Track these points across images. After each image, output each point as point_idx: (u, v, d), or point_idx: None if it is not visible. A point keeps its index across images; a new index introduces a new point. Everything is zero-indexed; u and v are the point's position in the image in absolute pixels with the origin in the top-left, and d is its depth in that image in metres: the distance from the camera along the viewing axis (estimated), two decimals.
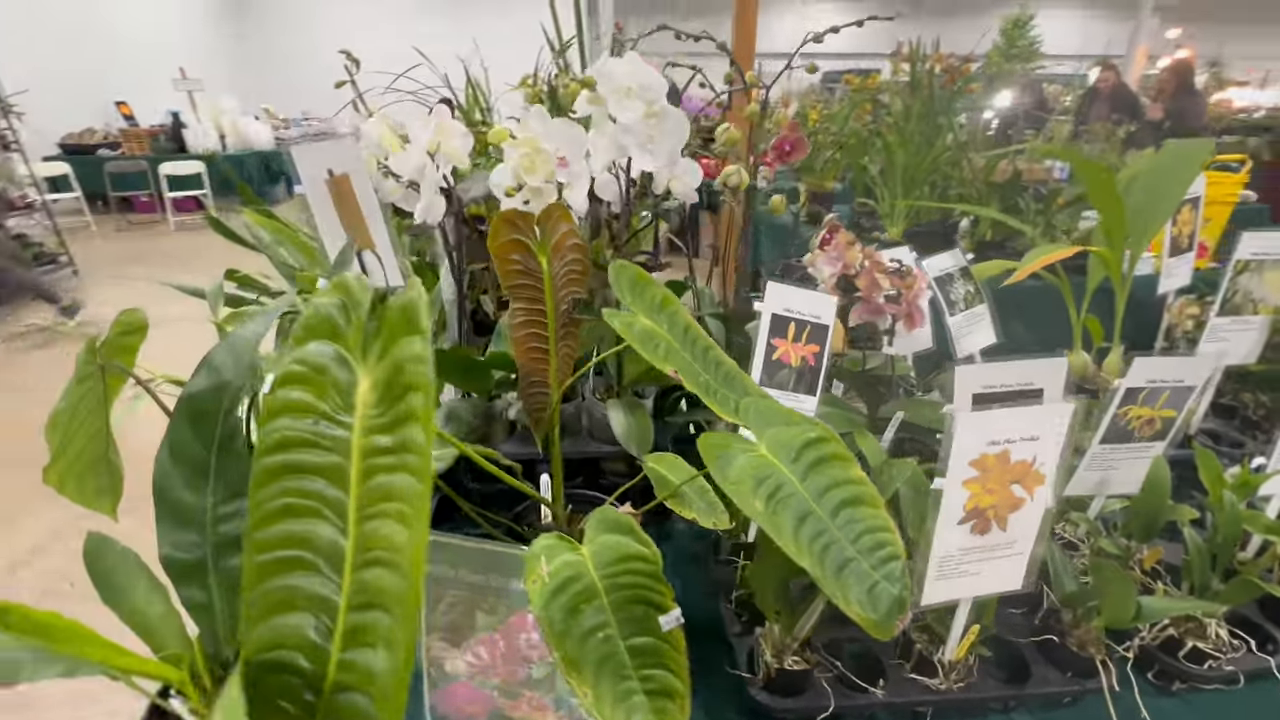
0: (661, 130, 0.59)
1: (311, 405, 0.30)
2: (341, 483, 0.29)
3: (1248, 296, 0.82)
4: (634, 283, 0.50)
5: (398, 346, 0.28)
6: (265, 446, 0.30)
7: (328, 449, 0.29)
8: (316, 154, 0.75)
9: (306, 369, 0.30)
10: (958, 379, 0.66)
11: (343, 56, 1.31)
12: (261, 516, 0.30)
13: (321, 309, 0.30)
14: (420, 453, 0.26)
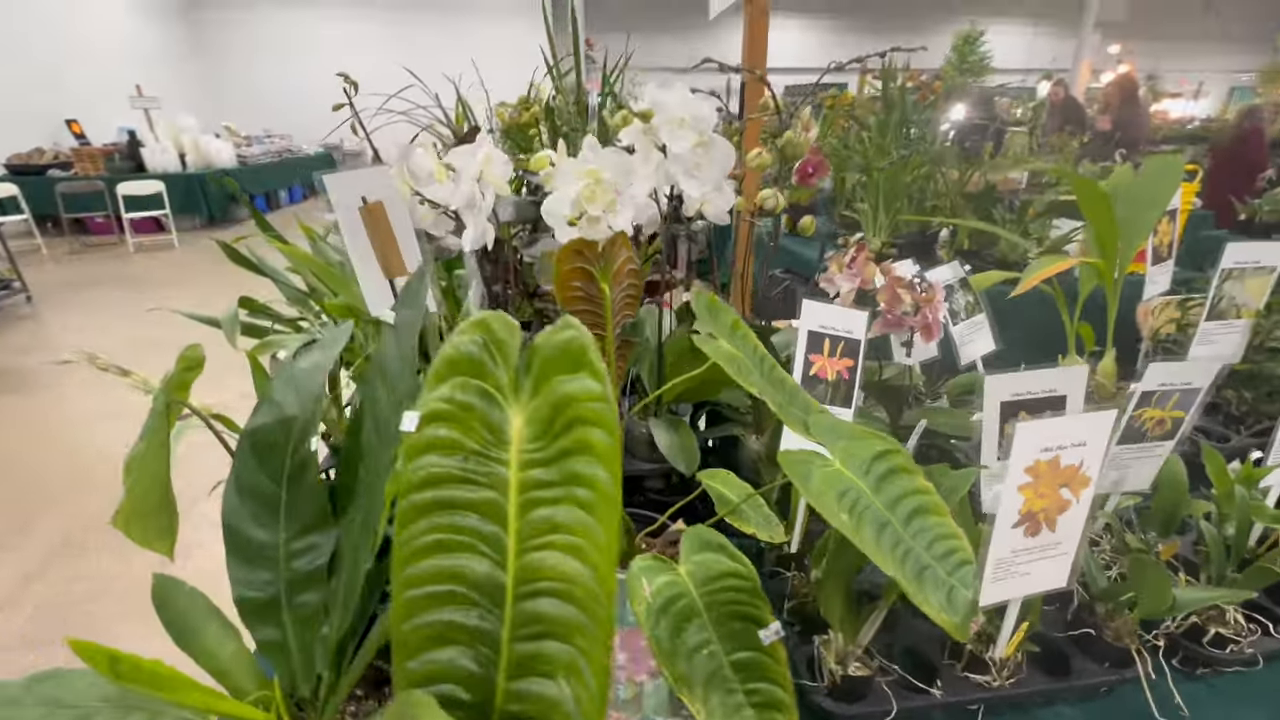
0: (708, 158, 0.62)
1: (459, 442, 0.30)
2: (497, 517, 0.30)
3: (1232, 302, 0.89)
4: (711, 308, 0.52)
5: (556, 383, 0.29)
6: (412, 483, 0.31)
7: (480, 484, 0.30)
8: (350, 182, 0.75)
9: (453, 407, 0.31)
10: (988, 388, 0.70)
11: (304, 74, 1.30)
12: (410, 552, 0.31)
13: (463, 347, 0.31)
14: (589, 485, 0.27)
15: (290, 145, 9.85)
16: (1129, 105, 4.52)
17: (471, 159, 0.63)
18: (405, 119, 1.91)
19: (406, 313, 0.53)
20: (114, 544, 2.08)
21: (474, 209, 0.64)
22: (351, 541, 0.51)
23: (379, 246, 0.78)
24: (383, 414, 0.52)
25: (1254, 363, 0.97)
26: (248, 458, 0.53)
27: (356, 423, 0.54)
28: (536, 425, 0.30)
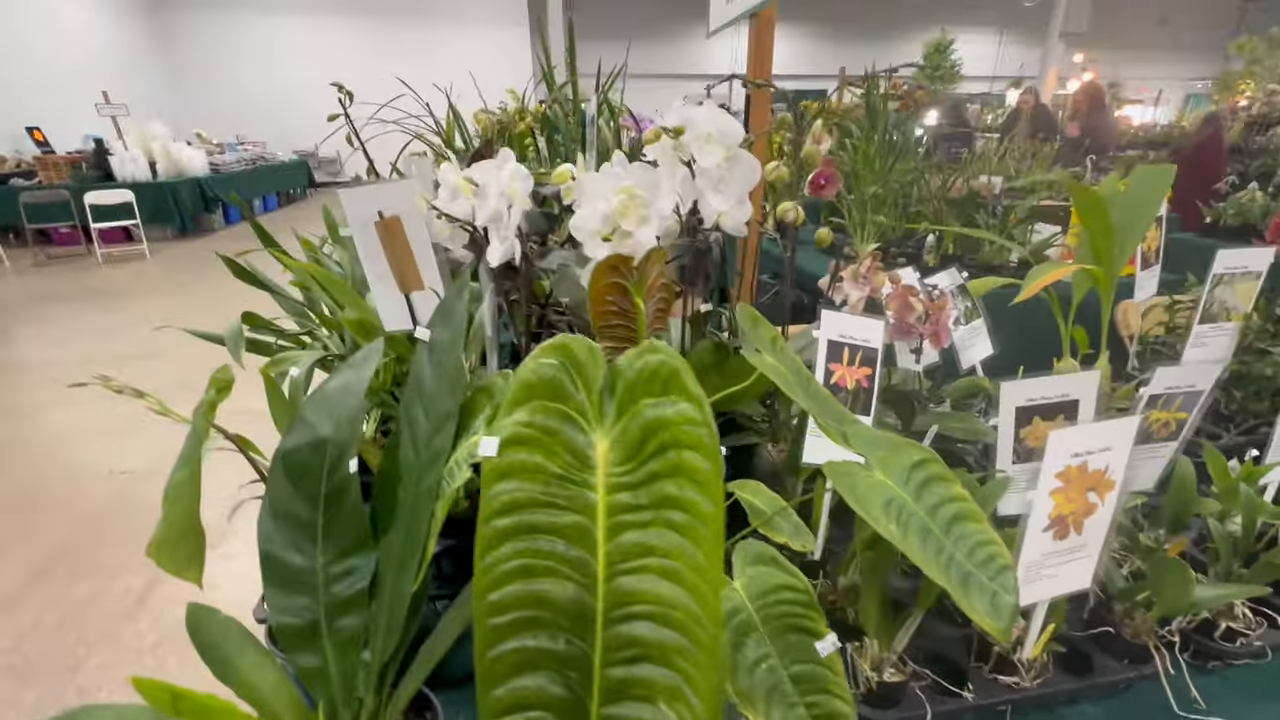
0: (734, 172, 0.62)
1: (541, 466, 0.30)
2: (584, 541, 0.30)
3: (1222, 305, 0.93)
4: (754, 322, 0.52)
5: (644, 406, 0.29)
6: (493, 510, 0.31)
7: (565, 508, 0.30)
8: (366, 196, 0.75)
9: (534, 431, 0.31)
10: (1003, 395, 0.72)
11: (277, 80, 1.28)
12: (493, 580, 0.30)
13: (543, 371, 0.31)
14: (684, 508, 0.28)
15: (264, 152, 9.67)
16: (1097, 112, 4.67)
17: (497, 174, 0.63)
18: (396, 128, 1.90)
19: (443, 331, 0.53)
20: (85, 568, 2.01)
21: (500, 225, 0.64)
22: (392, 564, 0.50)
23: (395, 261, 0.77)
24: (421, 434, 0.52)
25: (1243, 363, 1.01)
26: (281, 482, 0.52)
27: (394, 443, 0.53)
28: (623, 449, 0.30)
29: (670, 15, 14.21)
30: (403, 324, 0.82)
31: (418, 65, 8.88)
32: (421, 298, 0.80)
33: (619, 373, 0.31)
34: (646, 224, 0.58)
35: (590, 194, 0.61)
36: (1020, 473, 0.76)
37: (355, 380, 0.56)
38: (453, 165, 0.67)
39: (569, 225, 0.61)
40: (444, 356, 0.51)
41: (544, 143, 1.42)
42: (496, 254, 0.64)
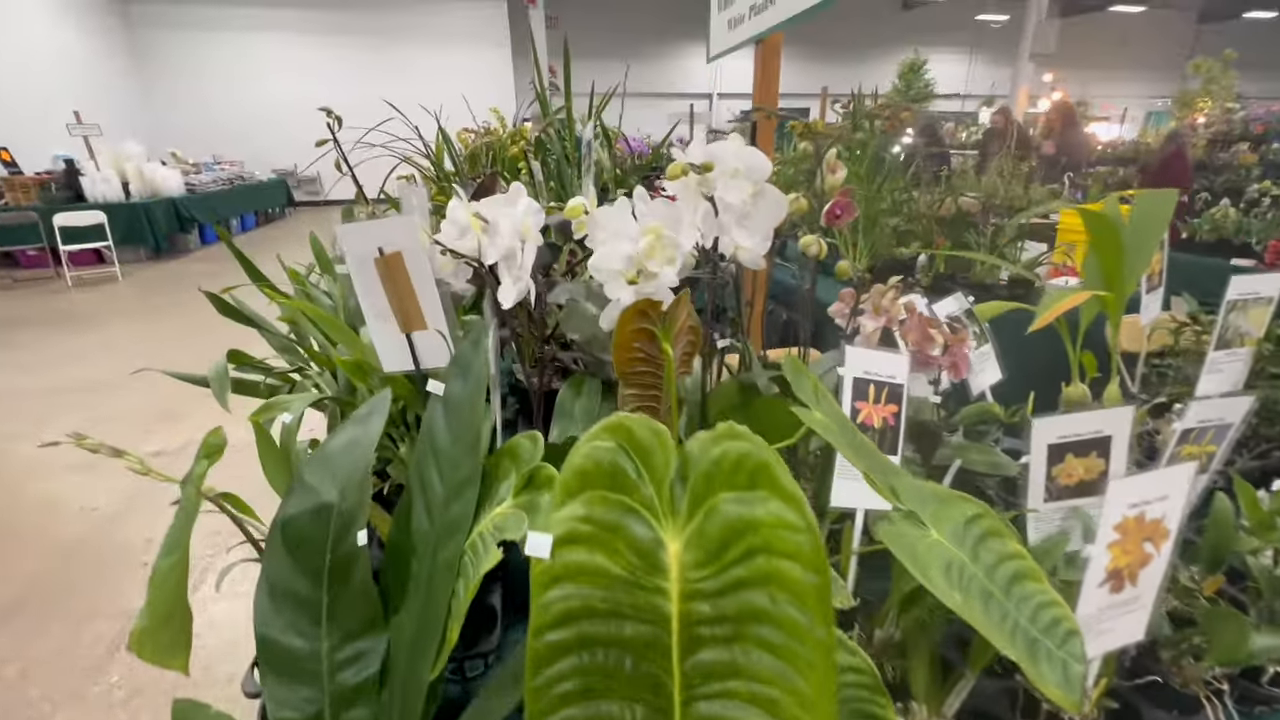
0: (758, 208, 0.60)
1: (603, 569, 0.26)
2: (656, 658, 0.26)
3: (1236, 331, 0.92)
4: (797, 373, 0.49)
5: (723, 501, 0.25)
6: (546, 621, 0.27)
7: (632, 618, 0.26)
8: (365, 232, 0.70)
9: (593, 528, 0.27)
10: (1035, 431, 0.69)
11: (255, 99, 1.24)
12: (549, 701, 0.26)
13: (599, 456, 0.27)
14: (779, 625, 0.24)
15: (242, 172, 9.53)
16: (1070, 129, 4.80)
17: (510, 211, 0.60)
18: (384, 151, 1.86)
19: (459, 386, 0.48)
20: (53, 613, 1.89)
21: (513, 264, 0.60)
22: (406, 648, 0.45)
23: (396, 300, 0.73)
24: (436, 500, 0.47)
25: (1255, 388, 1.00)
26: (280, 555, 0.47)
27: (405, 511, 0.49)
28: (701, 550, 0.26)
29: (650, 34, 14.41)
30: (403, 365, 0.78)
31: (399, 85, 8.86)
32: (423, 336, 0.75)
33: (690, 459, 0.27)
34: (672, 264, 0.55)
35: (611, 232, 0.58)
36: (1052, 511, 0.73)
37: (362, 437, 0.52)
38: (461, 201, 0.63)
39: (589, 265, 0.58)
40: (461, 414, 0.47)
41: (538, 166, 1.39)
42: (510, 294, 0.60)
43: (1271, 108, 7.46)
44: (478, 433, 0.45)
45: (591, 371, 0.82)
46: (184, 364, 1.00)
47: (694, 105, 9.10)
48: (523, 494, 0.41)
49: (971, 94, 13.89)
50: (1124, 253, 0.98)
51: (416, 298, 0.73)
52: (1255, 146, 6.49)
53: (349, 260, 0.72)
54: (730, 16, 1.02)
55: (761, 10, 0.91)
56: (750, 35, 0.97)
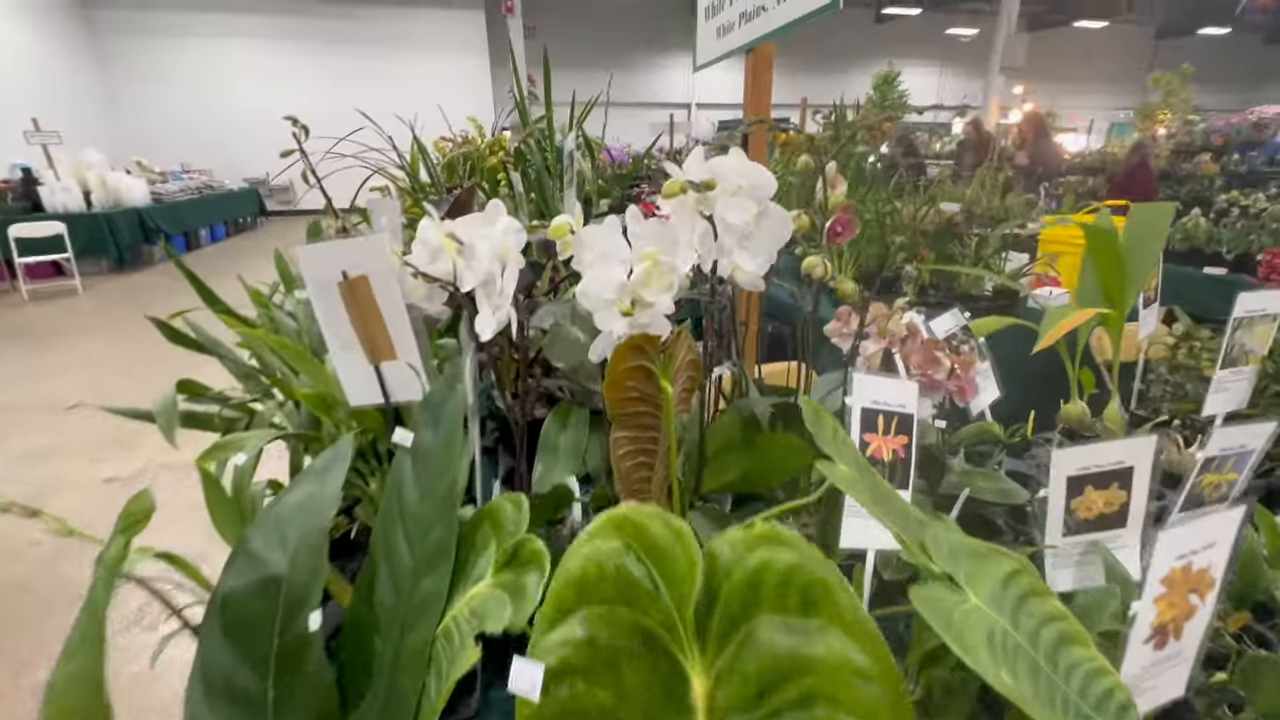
0: (761, 228, 0.55)
1: (609, 711, 0.20)
2: None
3: (1242, 349, 0.90)
4: (818, 417, 0.44)
5: (765, 627, 0.20)
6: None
7: None
8: (327, 255, 0.64)
9: (596, 656, 0.21)
10: (1055, 463, 0.65)
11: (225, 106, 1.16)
12: None
13: (605, 559, 0.22)
14: None
15: (211, 180, 9.28)
16: (1043, 140, 4.88)
17: (488, 232, 0.54)
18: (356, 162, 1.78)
19: (431, 436, 0.42)
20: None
21: (492, 290, 0.54)
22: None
23: (362, 327, 0.67)
24: (403, 570, 0.41)
25: (1258, 407, 0.98)
26: (218, 640, 0.40)
27: (367, 581, 0.42)
28: (736, 689, 0.20)
29: (629, 44, 14.47)
30: (371, 398, 0.71)
31: (375, 93, 8.75)
32: (393, 367, 0.69)
33: (719, 566, 0.21)
34: (670, 291, 0.49)
35: (599, 253, 0.52)
36: (1071, 546, 0.69)
37: (318, 495, 0.45)
38: (433, 221, 0.57)
39: (576, 292, 0.52)
40: (432, 469, 0.40)
41: (518, 178, 1.33)
42: (489, 325, 0.54)
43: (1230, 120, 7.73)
44: (452, 491, 0.39)
45: (578, 400, 0.76)
46: (145, 384, 0.91)
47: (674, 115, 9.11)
48: (505, 571, 0.35)
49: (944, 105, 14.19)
50: (1125, 268, 0.95)
51: (385, 325, 0.66)
52: (1216, 157, 6.70)
53: (309, 286, 0.65)
54: (719, 24, 0.98)
55: (752, 18, 0.87)
56: (741, 44, 0.93)
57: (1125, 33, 17.48)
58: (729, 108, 15.66)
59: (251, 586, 0.41)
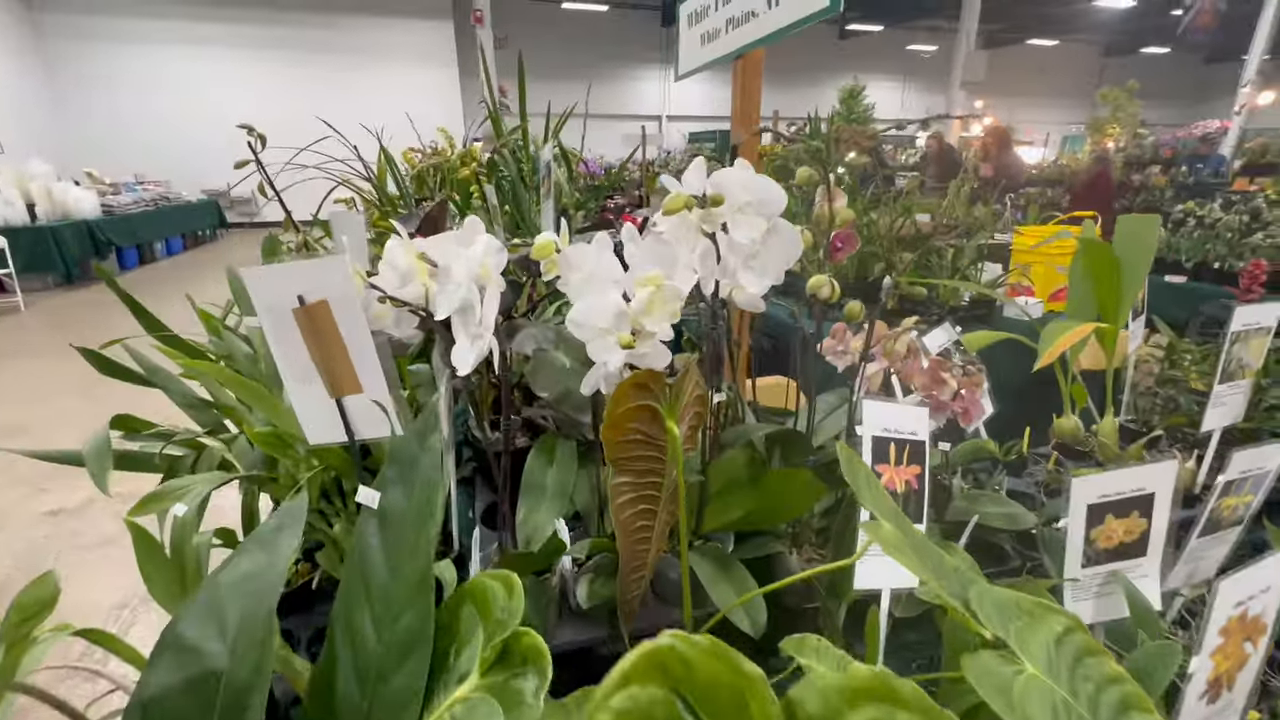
0: (768, 246, 0.50)
1: None
2: None
3: (1239, 364, 0.89)
4: (851, 464, 0.38)
5: None
6: None
7: None
8: (281, 277, 0.57)
9: None
10: (1074, 492, 0.61)
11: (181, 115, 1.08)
12: None
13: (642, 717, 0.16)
14: None
15: (167, 192, 8.93)
16: (1005, 152, 5.01)
17: (466, 253, 0.47)
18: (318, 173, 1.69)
19: (400, 497, 0.36)
20: None
21: (469, 319, 0.48)
22: None
23: (322, 358, 0.59)
24: (370, 659, 0.34)
25: (1252, 420, 0.97)
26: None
27: (328, 668, 0.35)
28: None
29: (599, 56, 14.53)
30: (333, 436, 0.63)
31: (341, 103, 8.56)
32: (358, 400, 0.62)
33: None
34: (674, 318, 0.44)
35: (587, 274, 0.46)
36: (1091, 577, 0.65)
37: (266, 567, 0.38)
38: (402, 242, 0.50)
39: (568, 321, 0.46)
40: (403, 543, 0.34)
41: (492, 190, 1.27)
42: (468, 357, 0.48)
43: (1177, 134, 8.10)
44: (427, 573, 0.33)
45: (564, 431, 0.70)
46: (105, 407, 0.81)
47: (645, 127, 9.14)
48: (495, 670, 0.29)
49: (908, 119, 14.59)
50: (1121, 284, 0.94)
51: (348, 355, 0.59)
52: (1166, 169, 7.00)
53: (259, 312, 0.58)
54: (704, 31, 0.94)
55: (741, 24, 0.83)
56: (728, 51, 0.89)
57: (1075, 50, 18.28)
58: (699, 120, 15.82)
59: (181, 686, 0.34)
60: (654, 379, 0.39)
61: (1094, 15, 13.84)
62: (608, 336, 0.44)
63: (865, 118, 11.74)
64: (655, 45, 15.35)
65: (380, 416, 0.62)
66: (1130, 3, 12.48)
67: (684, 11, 1.03)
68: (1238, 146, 8.08)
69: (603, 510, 0.65)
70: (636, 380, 0.39)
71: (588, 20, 14.43)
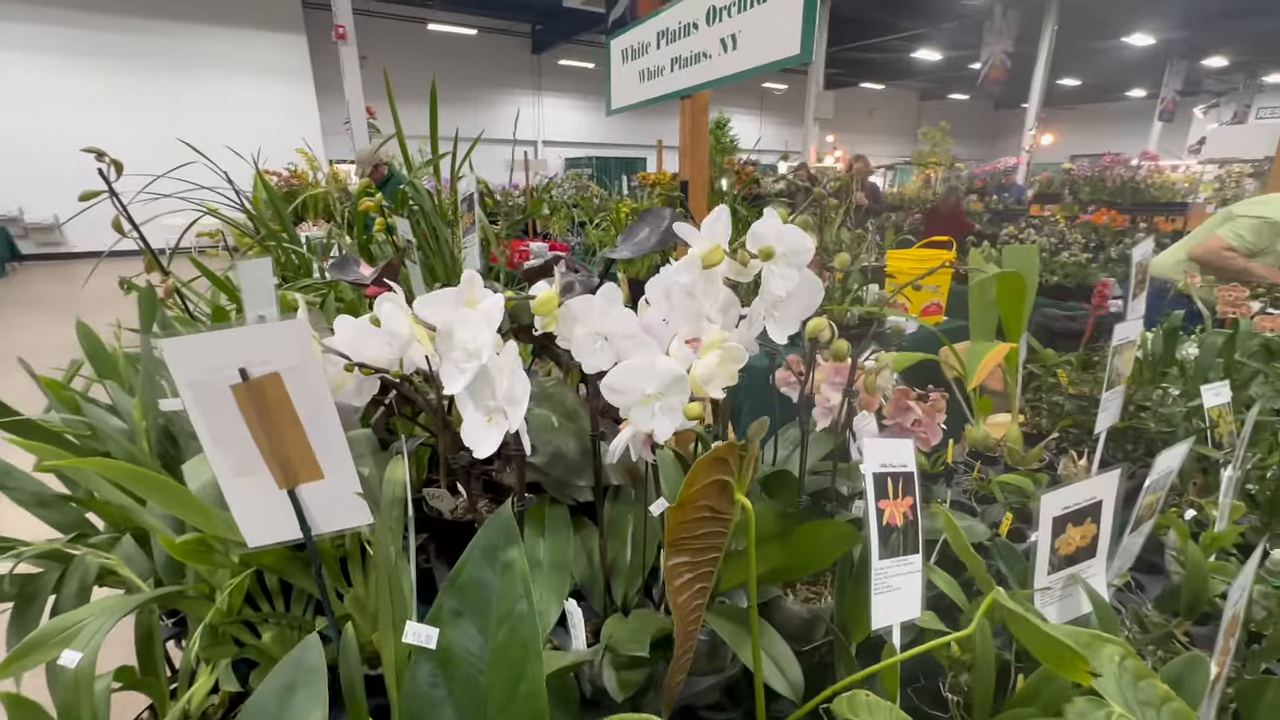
0: (793, 296, 0.48)
1: None
2: None
3: (1117, 373, 1.03)
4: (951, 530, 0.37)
5: None
6: None
7: None
8: (214, 347, 0.46)
9: None
10: (1044, 506, 0.66)
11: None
12: None
13: None
14: None
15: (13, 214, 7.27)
16: (868, 182, 5.60)
17: (483, 320, 0.41)
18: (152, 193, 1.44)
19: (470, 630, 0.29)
20: None
21: (485, 393, 0.41)
22: None
23: (272, 442, 0.49)
24: None
25: (1124, 420, 1.13)
26: None
27: None
28: None
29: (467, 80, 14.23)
30: (281, 534, 0.52)
31: (185, 119, 7.54)
32: (315, 489, 0.51)
33: None
34: (734, 380, 0.41)
35: (593, 329, 0.42)
36: (1054, 582, 0.71)
37: None
38: (397, 303, 0.42)
39: (602, 386, 0.41)
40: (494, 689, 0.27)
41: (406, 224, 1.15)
42: (487, 437, 0.41)
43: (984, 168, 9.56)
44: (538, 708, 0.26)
45: (552, 496, 0.64)
46: None
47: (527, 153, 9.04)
48: None
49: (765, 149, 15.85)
50: (1024, 304, 1.06)
51: (305, 435, 0.49)
52: (980, 198, 8.22)
53: (182, 392, 0.46)
54: (643, 68, 0.93)
55: (690, 65, 0.83)
56: (672, 90, 0.89)
57: (897, 94, 21.08)
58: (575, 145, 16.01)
59: None
60: (730, 452, 0.36)
61: (913, 65, 16.06)
62: (654, 402, 0.40)
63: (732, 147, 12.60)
64: (526, 70, 15.35)
65: (344, 504, 0.52)
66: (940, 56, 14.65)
67: (615, 47, 1.01)
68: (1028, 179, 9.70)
69: (609, 583, 0.59)
70: (716, 455, 0.35)
71: (455, 43, 14.11)
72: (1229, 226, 2.27)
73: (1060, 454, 1.20)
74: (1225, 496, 0.85)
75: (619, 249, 0.64)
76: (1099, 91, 19.10)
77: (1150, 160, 7.40)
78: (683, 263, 0.46)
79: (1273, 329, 1.52)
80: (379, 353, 0.50)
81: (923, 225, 5.50)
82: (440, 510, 0.71)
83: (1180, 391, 1.17)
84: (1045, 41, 11.21)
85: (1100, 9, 11.23)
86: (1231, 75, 15.32)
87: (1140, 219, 6.32)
